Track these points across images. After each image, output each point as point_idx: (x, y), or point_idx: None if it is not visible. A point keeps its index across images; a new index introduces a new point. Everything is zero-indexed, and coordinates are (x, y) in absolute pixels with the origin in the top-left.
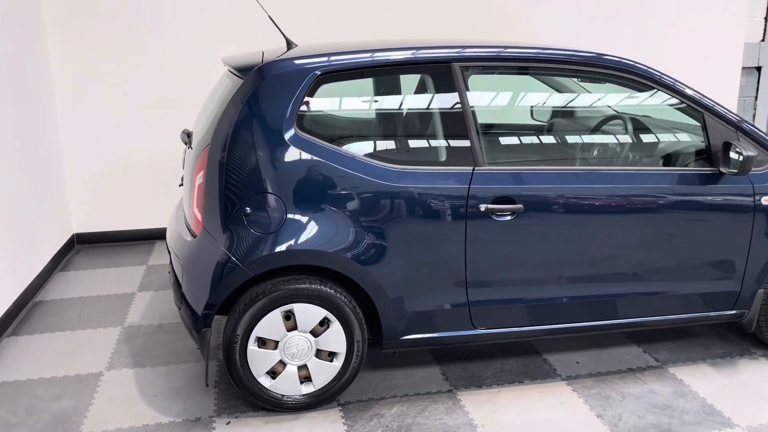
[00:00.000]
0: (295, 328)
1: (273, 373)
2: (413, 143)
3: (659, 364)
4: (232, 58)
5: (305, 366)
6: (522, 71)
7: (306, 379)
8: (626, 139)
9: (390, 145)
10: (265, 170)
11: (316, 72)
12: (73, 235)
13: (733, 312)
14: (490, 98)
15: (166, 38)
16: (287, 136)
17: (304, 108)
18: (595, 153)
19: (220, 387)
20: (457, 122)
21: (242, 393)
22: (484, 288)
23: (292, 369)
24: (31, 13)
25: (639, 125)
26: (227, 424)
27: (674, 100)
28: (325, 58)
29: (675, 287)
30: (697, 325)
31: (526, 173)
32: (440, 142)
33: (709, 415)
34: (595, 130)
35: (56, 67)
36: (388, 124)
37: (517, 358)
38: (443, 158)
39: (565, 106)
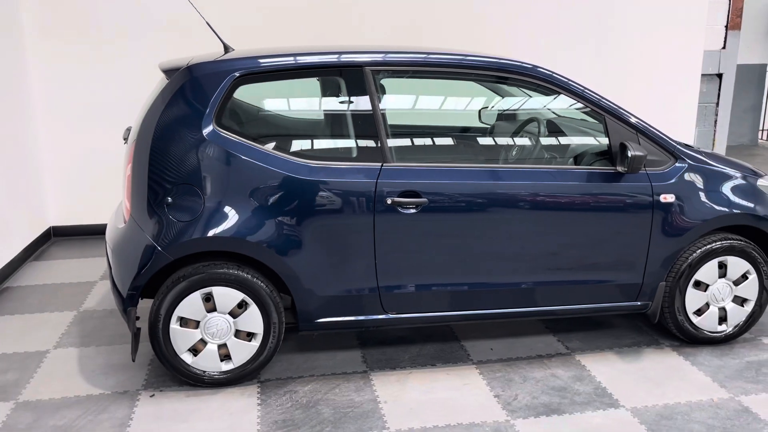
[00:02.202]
0: (214, 309)
1: (195, 351)
2: (327, 141)
3: (568, 351)
4: (165, 63)
5: (225, 345)
6: (430, 75)
7: (226, 357)
8: (538, 139)
9: (304, 142)
10: (186, 163)
11: (235, 74)
12: (50, 227)
13: (638, 303)
14: (401, 100)
15: (143, 39)
16: (206, 131)
17: (223, 106)
18: (514, 153)
19: (153, 364)
20: (367, 122)
21: (167, 369)
22: (392, 276)
23: (212, 347)
24: (9, 12)
25: (553, 127)
26: (151, 396)
27: (581, 105)
28: (245, 61)
29: (579, 278)
30: (611, 317)
31: (430, 170)
32: (352, 140)
33: (599, 396)
34: (508, 131)
35: (34, 63)
36: (303, 122)
37: (435, 344)
38: (354, 155)
39: (477, 109)
